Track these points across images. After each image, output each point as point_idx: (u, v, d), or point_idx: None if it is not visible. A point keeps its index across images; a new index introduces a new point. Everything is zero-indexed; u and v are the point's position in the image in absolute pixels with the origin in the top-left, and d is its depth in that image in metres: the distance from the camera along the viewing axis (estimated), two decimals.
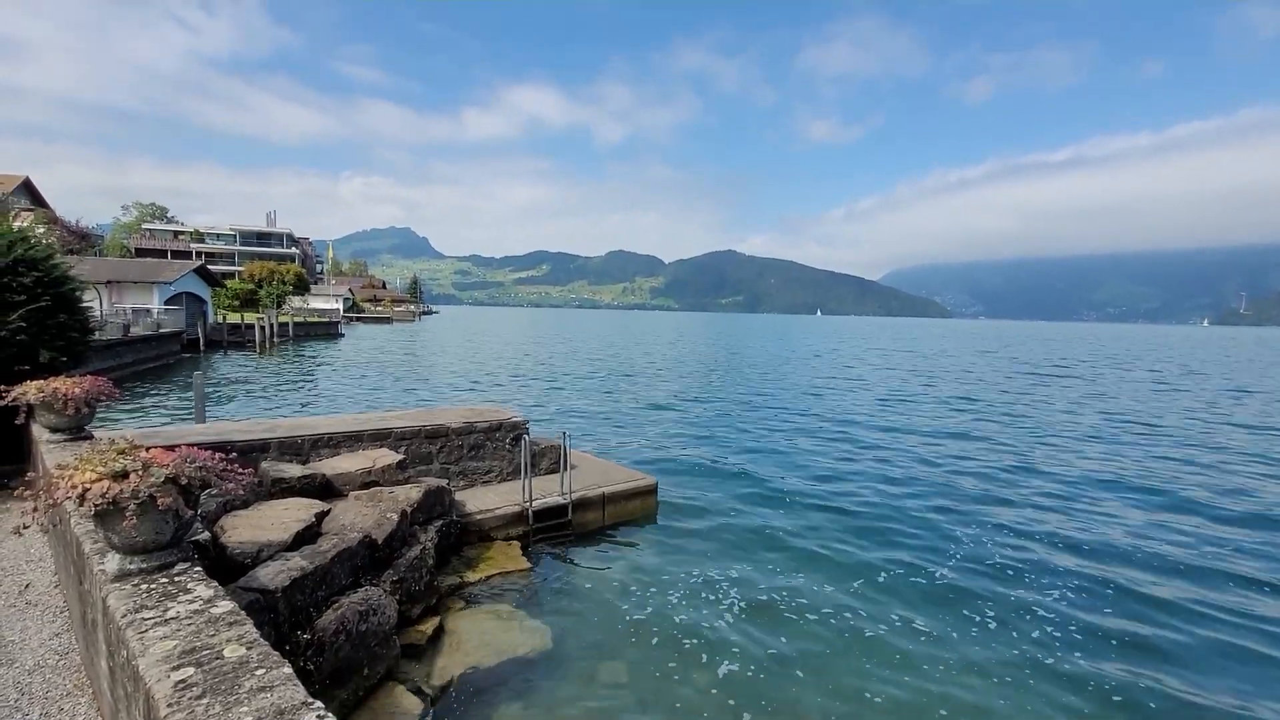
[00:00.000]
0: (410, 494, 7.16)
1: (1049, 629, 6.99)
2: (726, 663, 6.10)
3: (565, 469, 9.31)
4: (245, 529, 5.73)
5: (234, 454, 7.21)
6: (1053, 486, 12.69)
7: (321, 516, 6.38)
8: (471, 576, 7.24)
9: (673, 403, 23.01)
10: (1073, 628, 7.02)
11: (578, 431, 16.74)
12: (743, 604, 7.32)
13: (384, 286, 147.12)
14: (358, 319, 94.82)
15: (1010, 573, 8.46)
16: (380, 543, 6.21)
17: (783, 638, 6.61)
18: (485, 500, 8.97)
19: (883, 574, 8.31)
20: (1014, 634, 6.85)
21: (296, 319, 56.03)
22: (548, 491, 9.35)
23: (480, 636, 6.33)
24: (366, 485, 7.44)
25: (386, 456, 7.91)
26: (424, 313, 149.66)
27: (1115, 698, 5.80)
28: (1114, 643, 6.75)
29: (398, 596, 6.13)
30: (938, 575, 8.31)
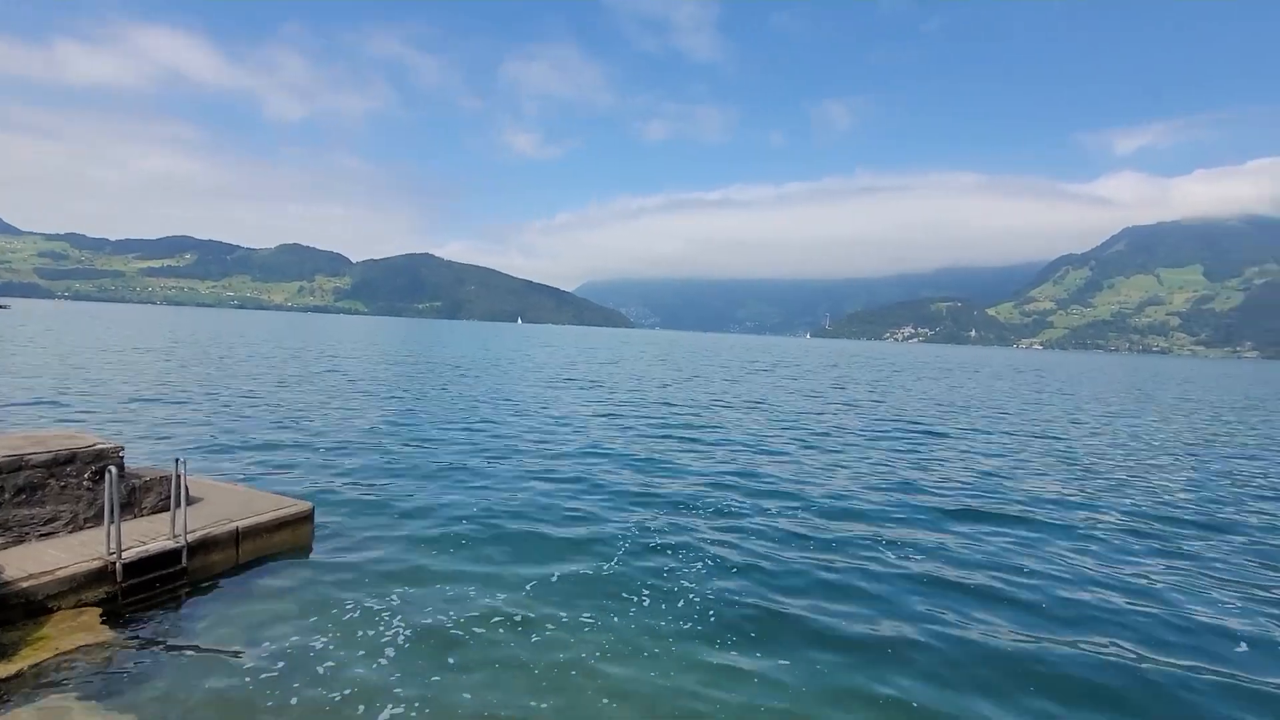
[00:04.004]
0: None
1: (716, 602, 8.04)
2: (390, 706, 5.42)
3: (180, 504, 7.42)
4: None
5: None
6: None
7: None
8: (2, 671, 5.19)
9: (345, 416, 20.64)
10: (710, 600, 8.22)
11: (220, 457, 13.78)
12: (407, 633, 6.70)
13: None
14: None
15: (680, 567, 9.54)
16: None
17: (450, 665, 6.16)
18: (43, 559, 6.62)
19: (554, 578, 8.54)
20: (670, 613, 7.69)
21: None
22: (153, 535, 7.37)
23: None
24: None
25: None
26: None
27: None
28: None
29: None
30: (603, 571, 8.88)
